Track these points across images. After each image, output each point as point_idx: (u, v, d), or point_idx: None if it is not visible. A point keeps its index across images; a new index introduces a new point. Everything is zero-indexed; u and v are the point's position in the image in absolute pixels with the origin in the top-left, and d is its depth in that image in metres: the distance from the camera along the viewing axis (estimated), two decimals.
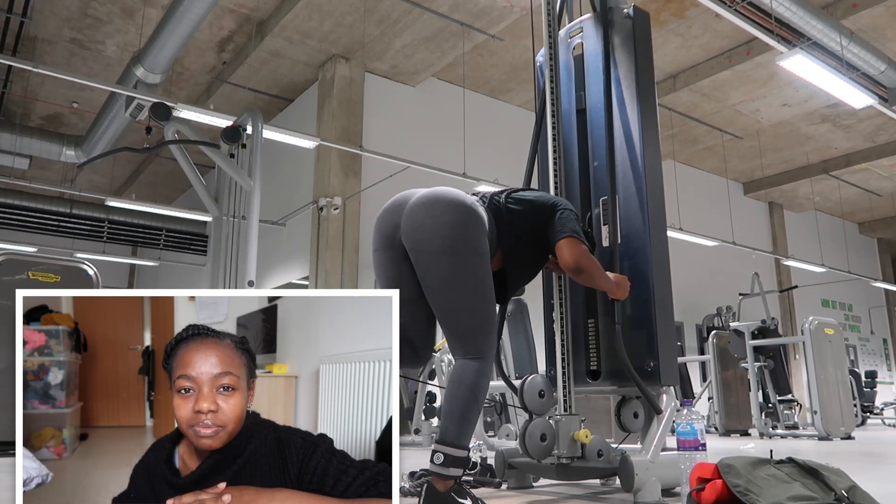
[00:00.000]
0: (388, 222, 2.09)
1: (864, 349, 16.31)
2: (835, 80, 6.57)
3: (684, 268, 10.70)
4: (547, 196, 2.28)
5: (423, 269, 1.99)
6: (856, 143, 12.34)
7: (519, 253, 2.19)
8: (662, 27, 8.62)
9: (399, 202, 2.10)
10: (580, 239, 2.14)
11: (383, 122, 9.06)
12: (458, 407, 1.92)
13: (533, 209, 2.20)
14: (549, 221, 2.17)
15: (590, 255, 2.17)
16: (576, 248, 2.11)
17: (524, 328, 6.02)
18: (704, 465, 1.89)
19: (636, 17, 2.72)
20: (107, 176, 13.23)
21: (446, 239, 1.94)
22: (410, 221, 2.00)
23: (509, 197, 2.22)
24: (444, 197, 2.01)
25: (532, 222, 2.18)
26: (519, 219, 2.17)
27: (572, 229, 2.14)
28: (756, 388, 7.29)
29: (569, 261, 2.11)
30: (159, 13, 7.80)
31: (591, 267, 2.16)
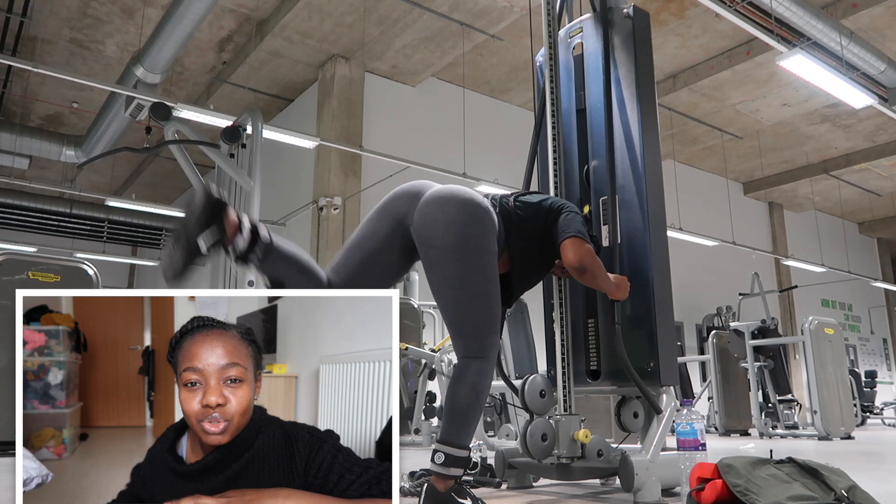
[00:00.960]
0: (402, 202, 2.07)
1: (863, 349, 16.32)
2: (835, 80, 6.57)
3: (684, 268, 10.69)
4: (553, 199, 2.28)
5: (431, 264, 1.99)
6: (856, 142, 12.34)
7: (526, 257, 2.19)
8: (662, 27, 8.62)
9: (416, 192, 2.07)
10: (584, 239, 2.14)
11: (383, 122, 9.06)
12: (459, 406, 1.92)
13: (539, 212, 2.20)
14: (555, 224, 2.17)
15: (594, 255, 2.17)
16: (580, 248, 2.11)
17: (524, 328, 6.02)
18: (704, 464, 1.89)
19: (636, 16, 2.72)
20: (107, 176, 13.23)
21: (457, 236, 1.94)
22: (423, 215, 1.99)
23: (517, 200, 2.22)
24: (458, 195, 2.01)
25: (539, 226, 2.18)
26: (526, 223, 2.17)
27: (577, 230, 2.14)
28: (756, 388, 7.29)
29: (573, 260, 2.11)
30: (159, 13, 7.80)
31: (594, 267, 2.16)
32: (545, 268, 2.29)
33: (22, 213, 10.90)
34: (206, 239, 1.76)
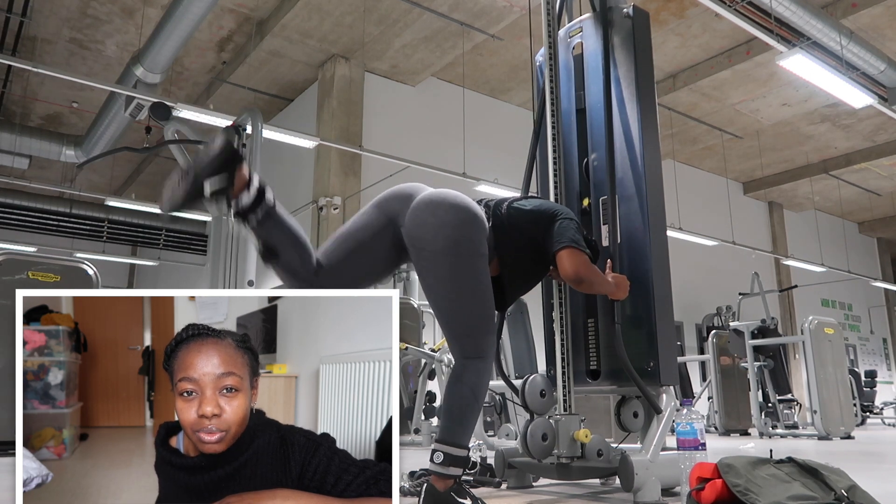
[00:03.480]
0: (396, 202, 2.07)
1: (863, 349, 16.32)
2: (834, 80, 6.57)
3: (684, 267, 10.69)
4: (546, 205, 2.25)
5: (422, 267, 1.99)
6: (855, 142, 12.34)
7: (517, 265, 2.17)
8: (662, 27, 8.62)
9: (408, 194, 2.08)
10: (580, 248, 2.11)
11: (383, 122, 9.06)
12: (457, 406, 1.93)
13: (531, 220, 2.17)
14: (548, 232, 2.14)
15: (590, 264, 2.14)
16: (576, 259, 2.09)
17: (524, 328, 6.02)
18: (704, 464, 1.89)
19: (636, 16, 2.72)
20: (106, 176, 13.23)
21: (447, 239, 1.95)
22: (414, 218, 2.00)
23: (510, 207, 2.20)
24: (448, 199, 2.01)
25: (531, 234, 2.15)
26: (517, 232, 2.15)
27: (571, 238, 2.11)
28: (756, 388, 7.29)
29: (569, 272, 2.09)
30: (159, 13, 7.80)
31: (591, 276, 2.14)
32: (538, 274, 2.26)
33: (22, 212, 10.89)
34: (212, 184, 1.75)
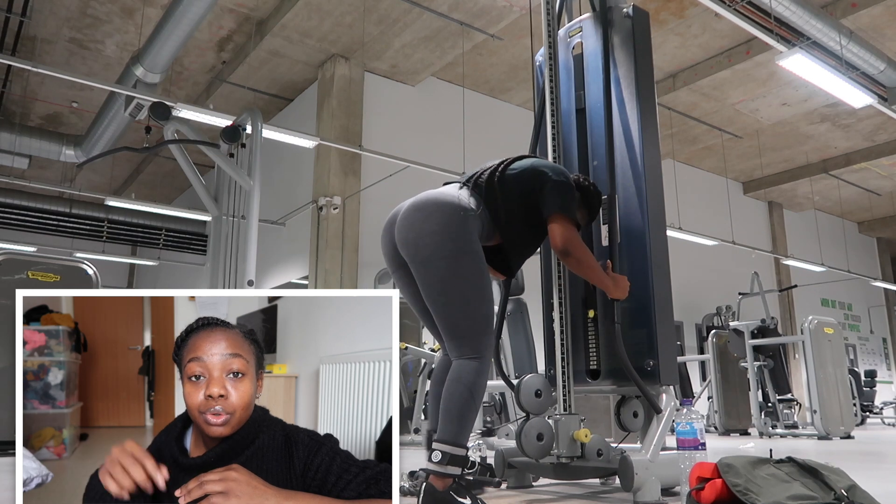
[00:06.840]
0: (388, 243, 2.19)
1: (863, 348, 16.32)
2: (834, 80, 6.57)
3: (684, 267, 10.70)
4: (534, 165, 2.22)
5: (418, 278, 2.04)
6: (855, 142, 12.34)
7: (515, 232, 2.18)
8: (662, 26, 8.62)
9: (391, 220, 2.19)
10: (569, 216, 2.12)
11: (383, 122, 9.06)
12: (455, 406, 1.93)
13: (519, 184, 2.17)
14: (540, 195, 2.15)
15: (579, 239, 2.15)
16: (564, 230, 2.10)
17: (524, 328, 6.02)
18: (704, 464, 1.89)
19: (635, 16, 2.72)
20: (106, 175, 13.22)
21: (430, 247, 1.99)
22: (400, 237, 2.07)
23: (502, 175, 2.19)
24: (425, 205, 2.05)
25: (521, 200, 2.15)
26: (511, 200, 2.15)
27: (560, 205, 2.11)
28: (756, 388, 7.30)
29: (558, 243, 2.11)
30: (159, 13, 7.80)
31: (578, 252, 2.13)
32: (537, 237, 2.25)
33: (21, 212, 10.88)
34: None
